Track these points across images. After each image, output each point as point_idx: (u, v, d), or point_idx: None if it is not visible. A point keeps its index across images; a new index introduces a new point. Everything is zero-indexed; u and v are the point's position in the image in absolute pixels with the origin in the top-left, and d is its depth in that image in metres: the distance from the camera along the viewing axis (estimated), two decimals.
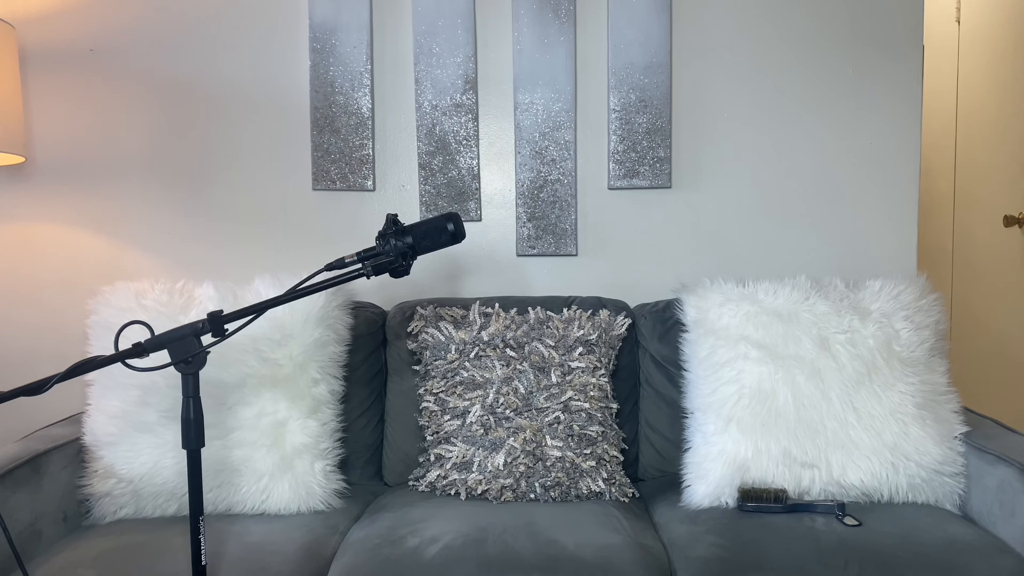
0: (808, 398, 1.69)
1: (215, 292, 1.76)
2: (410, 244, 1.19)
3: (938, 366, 1.76)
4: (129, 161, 2.13)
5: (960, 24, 3.08)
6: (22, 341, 2.13)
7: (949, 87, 3.15)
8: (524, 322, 1.86)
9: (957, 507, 1.69)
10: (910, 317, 1.75)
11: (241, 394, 1.71)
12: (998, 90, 2.85)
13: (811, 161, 2.17)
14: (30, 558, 1.50)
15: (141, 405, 1.68)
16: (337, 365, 1.83)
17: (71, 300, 2.08)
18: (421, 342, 1.89)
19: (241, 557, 1.49)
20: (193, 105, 2.13)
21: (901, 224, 2.16)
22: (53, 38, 2.10)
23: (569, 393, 1.78)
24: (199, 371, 1.17)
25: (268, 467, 1.70)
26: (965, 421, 1.73)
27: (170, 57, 2.12)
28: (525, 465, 1.73)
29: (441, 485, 1.78)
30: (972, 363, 2.96)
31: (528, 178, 2.15)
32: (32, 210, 2.13)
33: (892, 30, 2.14)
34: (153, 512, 1.70)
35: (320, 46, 2.11)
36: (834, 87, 2.16)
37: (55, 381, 1.12)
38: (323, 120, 2.13)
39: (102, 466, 1.69)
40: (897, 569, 1.42)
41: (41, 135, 2.12)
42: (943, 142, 3.20)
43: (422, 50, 2.12)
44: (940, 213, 3.23)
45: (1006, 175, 2.81)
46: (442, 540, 1.50)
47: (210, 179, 2.15)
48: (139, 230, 2.14)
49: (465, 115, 2.14)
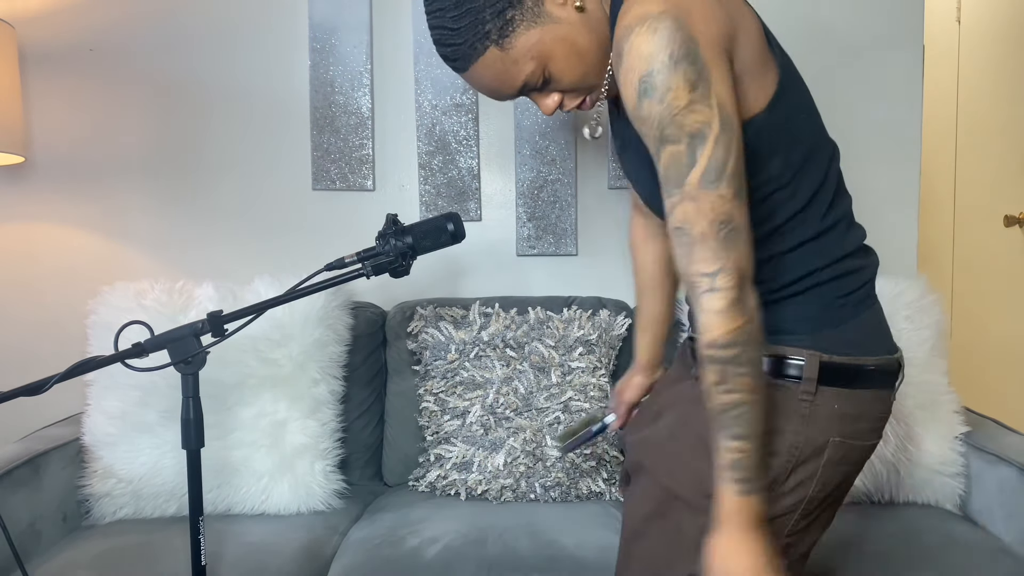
0: None
1: (215, 292, 1.76)
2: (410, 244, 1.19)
3: (938, 366, 1.75)
4: (129, 161, 2.13)
5: (960, 24, 3.08)
6: (22, 341, 2.13)
7: (949, 87, 3.15)
8: (524, 322, 1.86)
9: (957, 507, 1.69)
10: (910, 317, 1.75)
11: (241, 394, 1.71)
12: (998, 90, 2.85)
13: None
14: (30, 558, 1.50)
15: (141, 405, 1.68)
16: (337, 365, 1.83)
17: (71, 300, 2.07)
18: (421, 342, 1.88)
19: (241, 557, 1.49)
20: (193, 105, 2.13)
21: (901, 224, 2.16)
22: (53, 38, 2.10)
23: (569, 393, 1.78)
24: (199, 371, 1.17)
25: (268, 467, 1.70)
26: (965, 421, 1.73)
27: (170, 57, 2.12)
28: (525, 465, 1.73)
29: (441, 485, 1.78)
30: (972, 363, 2.96)
31: (528, 178, 2.15)
32: (32, 210, 2.13)
33: (892, 30, 2.14)
34: (153, 512, 1.70)
35: (320, 46, 2.11)
36: (834, 86, 2.16)
37: (55, 381, 1.12)
38: (323, 120, 2.12)
39: (102, 466, 1.68)
40: (897, 569, 1.42)
41: (41, 135, 2.12)
42: (943, 142, 3.20)
43: (422, 50, 2.11)
44: (940, 213, 3.23)
45: (1006, 175, 2.81)
46: (442, 540, 1.50)
47: (210, 179, 2.14)
48: (139, 230, 2.14)
49: (465, 115, 2.14)
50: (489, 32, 0.89)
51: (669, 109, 0.81)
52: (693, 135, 0.82)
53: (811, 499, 0.96)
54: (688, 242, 0.85)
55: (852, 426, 0.95)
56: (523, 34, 0.90)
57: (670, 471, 0.99)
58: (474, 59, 0.92)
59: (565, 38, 0.91)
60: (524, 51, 0.91)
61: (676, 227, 0.86)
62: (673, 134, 0.82)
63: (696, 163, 0.83)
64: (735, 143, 0.84)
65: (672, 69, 0.80)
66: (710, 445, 0.90)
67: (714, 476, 0.89)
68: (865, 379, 0.96)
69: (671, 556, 0.97)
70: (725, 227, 0.83)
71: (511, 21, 0.89)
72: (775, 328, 0.96)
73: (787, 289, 0.97)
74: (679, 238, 0.86)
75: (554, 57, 0.92)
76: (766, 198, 0.93)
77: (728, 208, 0.84)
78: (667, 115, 0.82)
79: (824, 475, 0.95)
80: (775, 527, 0.94)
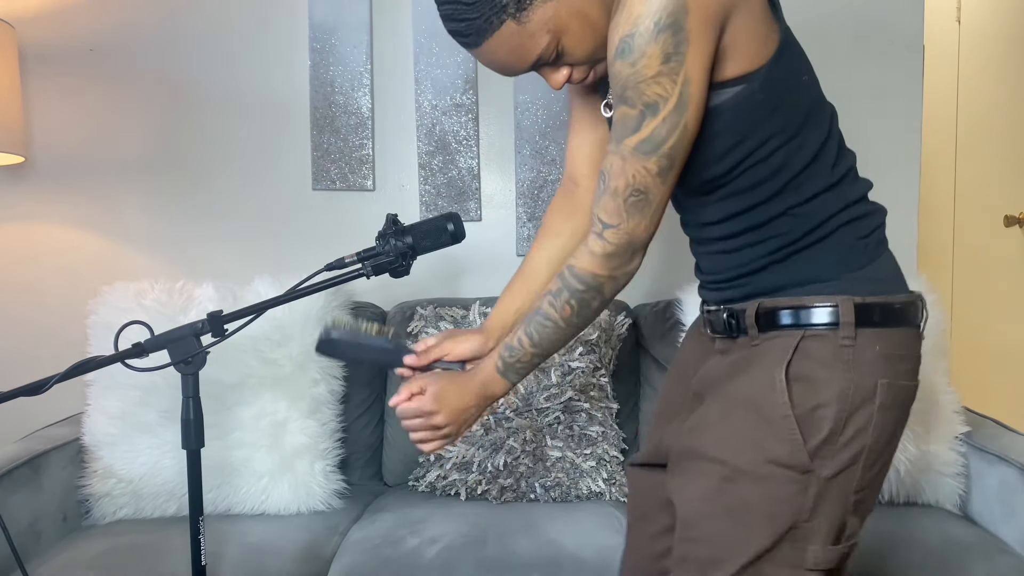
0: None
1: (215, 292, 1.76)
2: (410, 244, 1.18)
3: (938, 366, 1.75)
4: (129, 161, 2.13)
5: (960, 24, 3.08)
6: (22, 341, 2.13)
7: (949, 87, 3.15)
8: None
9: (957, 507, 1.69)
10: None
11: (241, 394, 1.70)
12: (998, 90, 2.85)
13: None
14: (30, 558, 1.50)
15: (141, 405, 1.68)
16: (337, 365, 1.83)
17: (71, 300, 2.07)
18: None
19: (241, 557, 1.49)
20: (193, 105, 2.13)
21: (901, 224, 2.16)
22: (53, 38, 2.10)
23: (569, 393, 1.77)
24: (199, 371, 1.17)
25: (268, 467, 1.70)
26: (965, 421, 1.73)
27: (170, 57, 2.12)
28: (525, 465, 1.73)
29: (441, 485, 1.78)
30: (972, 363, 2.95)
31: (528, 178, 2.15)
32: (32, 210, 2.13)
33: (892, 30, 2.14)
34: (153, 512, 1.70)
35: (320, 46, 2.11)
36: (834, 87, 2.15)
37: (55, 381, 1.12)
38: (323, 120, 2.12)
39: (102, 466, 1.68)
40: (897, 569, 1.42)
41: (41, 135, 2.12)
42: (943, 142, 3.20)
43: (422, 50, 2.11)
44: (940, 213, 3.23)
45: (1006, 175, 2.81)
46: (442, 540, 1.50)
47: (210, 179, 2.14)
48: (139, 230, 2.14)
49: (465, 115, 2.14)
50: (506, 6, 0.90)
51: (636, 75, 0.86)
52: (647, 105, 0.87)
53: (871, 448, 0.94)
54: (603, 189, 0.93)
55: (896, 366, 0.96)
56: (540, 7, 0.91)
57: (733, 448, 0.96)
58: (489, 34, 0.92)
59: (580, 11, 0.92)
60: (540, 25, 0.92)
61: (601, 171, 0.94)
62: (631, 97, 0.87)
63: (639, 130, 0.88)
64: (682, 125, 0.88)
65: (652, 37, 0.83)
66: (758, 412, 0.94)
67: (771, 441, 0.92)
68: (898, 317, 0.97)
69: (741, 535, 0.95)
70: (637, 195, 0.91)
71: None
72: (803, 279, 0.97)
73: (808, 237, 0.98)
74: (600, 180, 0.94)
75: (568, 30, 0.93)
76: (775, 151, 0.95)
77: (647, 180, 0.91)
78: (632, 79, 0.86)
79: (880, 420, 0.94)
80: (842, 483, 0.93)
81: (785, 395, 0.92)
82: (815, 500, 0.92)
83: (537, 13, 0.91)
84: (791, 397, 0.92)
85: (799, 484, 0.92)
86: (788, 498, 0.92)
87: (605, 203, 0.93)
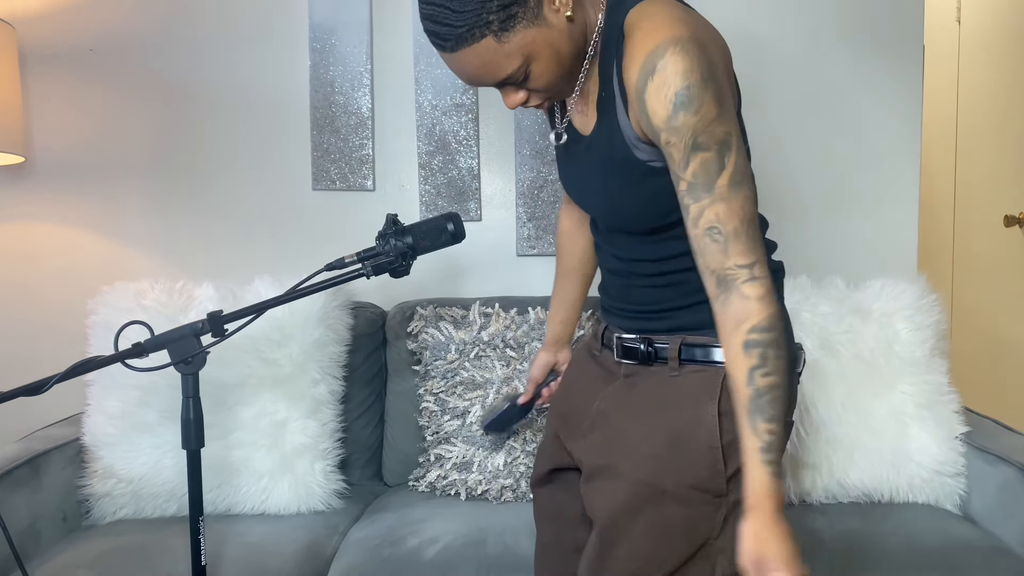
0: (809, 398, 1.69)
1: (215, 292, 1.76)
2: (410, 244, 1.18)
3: (938, 366, 1.75)
4: (129, 161, 2.13)
5: (960, 24, 3.08)
6: (22, 341, 2.13)
7: (949, 87, 3.15)
8: (524, 322, 1.86)
9: (958, 507, 1.69)
10: (910, 317, 1.75)
11: (241, 394, 1.70)
12: (998, 90, 2.85)
13: (811, 161, 2.16)
14: (30, 558, 1.50)
15: (141, 405, 1.68)
16: (337, 365, 1.83)
17: (71, 300, 2.07)
18: (421, 342, 1.88)
19: (241, 557, 1.49)
20: (193, 105, 2.13)
21: (901, 224, 2.16)
22: (53, 38, 2.10)
23: None
24: (199, 371, 1.17)
25: (268, 467, 1.70)
26: (966, 421, 1.73)
27: (170, 57, 2.12)
28: (525, 465, 1.73)
29: (441, 485, 1.78)
30: (972, 363, 2.96)
31: (528, 178, 2.15)
32: (32, 210, 2.13)
33: (892, 30, 2.14)
34: (153, 512, 1.70)
35: (320, 46, 2.11)
36: (834, 87, 2.16)
37: (55, 381, 1.12)
38: (323, 120, 2.12)
39: (102, 466, 1.68)
40: (897, 569, 1.42)
41: (41, 135, 2.12)
42: (943, 142, 3.20)
43: (422, 50, 2.11)
44: (940, 213, 3.23)
45: (1006, 175, 2.81)
46: (442, 540, 1.50)
47: (210, 179, 2.14)
48: (139, 230, 2.14)
49: (465, 115, 2.14)
50: (491, 22, 0.92)
51: (703, 120, 0.91)
52: (721, 143, 0.92)
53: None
54: (723, 239, 0.93)
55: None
56: (521, 31, 0.93)
57: (652, 469, 1.03)
58: (467, 44, 0.93)
59: (552, 43, 0.96)
60: (517, 47, 0.94)
61: (708, 227, 0.93)
62: (705, 142, 0.92)
63: (725, 168, 0.92)
64: (747, 152, 0.97)
65: (704, 86, 0.90)
66: (684, 441, 1.01)
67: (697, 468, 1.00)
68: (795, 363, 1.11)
69: (662, 550, 1.01)
70: (751, 224, 0.94)
71: (514, 16, 0.92)
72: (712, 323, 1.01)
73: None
74: (711, 236, 0.93)
75: (539, 58, 0.96)
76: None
77: (752, 208, 0.94)
78: (701, 125, 0.91)
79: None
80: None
81: (717, 429, 1.00)
82: (724, 520, 1.00)
83: (518, 36, 0.93)
84: (721, 430, 1.00)
85: (713, 506, 1.01)
86: (704, 518, 1.01)
87: (733, 249, 0.93)
